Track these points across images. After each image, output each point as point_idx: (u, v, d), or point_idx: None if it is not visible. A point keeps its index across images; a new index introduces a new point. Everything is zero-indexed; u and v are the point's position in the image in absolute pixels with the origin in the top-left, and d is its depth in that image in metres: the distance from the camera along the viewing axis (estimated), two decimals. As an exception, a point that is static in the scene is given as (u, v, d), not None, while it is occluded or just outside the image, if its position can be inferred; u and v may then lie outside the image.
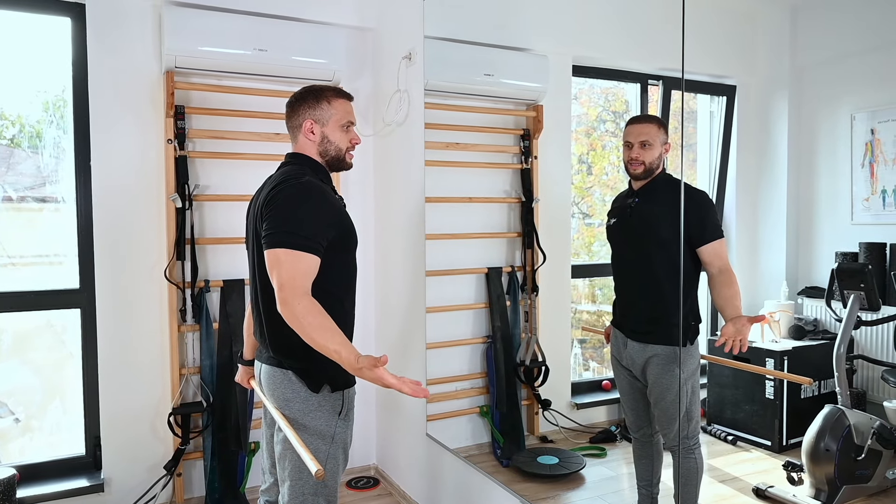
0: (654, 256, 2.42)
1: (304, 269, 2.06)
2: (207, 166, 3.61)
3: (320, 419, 2.21)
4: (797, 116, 2.03)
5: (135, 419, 3.50)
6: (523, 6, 3.02)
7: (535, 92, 3.00)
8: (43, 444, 3.68)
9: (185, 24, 3.32)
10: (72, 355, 3.62)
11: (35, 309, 3.50)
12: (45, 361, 3.71)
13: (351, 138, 2.35)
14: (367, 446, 4.13)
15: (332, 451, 2.23)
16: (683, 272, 2.21)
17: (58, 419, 3.69)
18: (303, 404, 2.20)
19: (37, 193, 3.66)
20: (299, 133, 2.31)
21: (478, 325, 3.29)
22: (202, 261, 3.58)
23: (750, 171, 2.20)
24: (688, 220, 2.18)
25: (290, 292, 2.01)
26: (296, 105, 2.33)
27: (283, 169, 2.30)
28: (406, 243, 3.65)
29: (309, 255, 2.07)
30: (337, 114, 2.31)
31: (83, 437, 3.56)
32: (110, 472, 3.47)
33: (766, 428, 2.17)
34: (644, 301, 2.49)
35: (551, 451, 2.85)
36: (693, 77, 2.23)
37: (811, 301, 2.04)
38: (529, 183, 3.05)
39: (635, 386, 2.47)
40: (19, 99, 3.55)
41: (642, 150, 2.38)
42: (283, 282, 2.03)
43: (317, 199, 2.17)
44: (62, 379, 3.68)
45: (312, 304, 2.02)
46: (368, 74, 4.00)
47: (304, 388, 2.20)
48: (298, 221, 2.10)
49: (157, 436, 3.54)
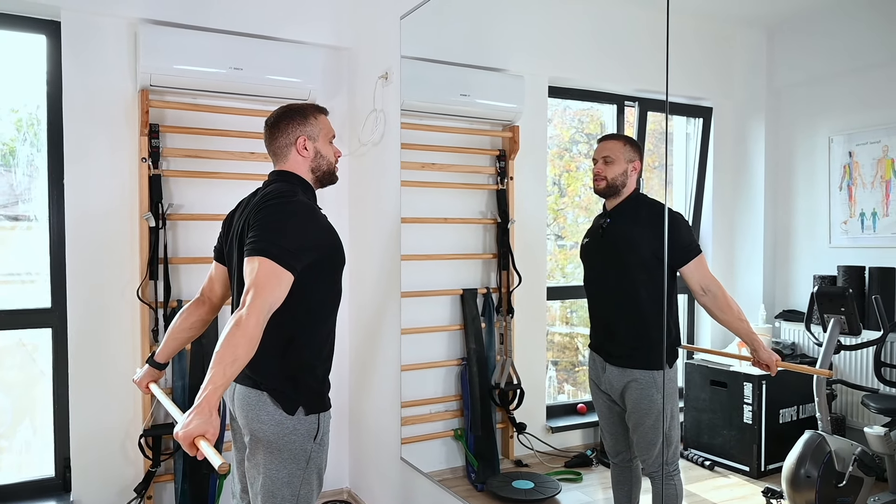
0: (626, 277, 2.31)
1: (276, 285, 1.96)
2: (181, 185, 3.49)
3: (294, 442, 2.10)
4: (774, 138, 1.95)
5: (105, 440, 3.36)
6: (500, 27, 2.92)
7: (510, 112, 2.89)
8: (11, 464, 3.54)
9: (161, 42, 3.22)
10: (43, 374, 3.48)
11: (6, 328, 3.36)
12: (16, 381, 3.55)
13: (335, 151, 2.32)
14: (340, 469, 3.97)
15: (305, 476, 2.13)
16: (666, 293, 2.10)
17: (28, 439, 3.55)
18: (277, 427, 2.09)
19: (9, 212, 3.52)
20: (290, 151, 2.25)
21: (452, 347, 3.16)
22: (175, 280, 3.45)
23: (726, 193, 2.11)
24: (662, 242, 2.08)
25: (252, 300, 1.91)
26: (280, 124, 2.26)
27: (274, 185, 2.21)
28: (381, 264, 3.53)
29: (285, 271, 1.98)
30: (324, 128, 2.29)
31: (53, 459, 3.42)
32: (80, 494, 3.33)
33: (744, 453, 2.06)
34: (619, 324, 2.38)
35: (526, 475, 2.71)
36: (669, 99, 2.15)
37: (789, 325, 1.95)
38: (505, 204, 2.93)
39: (614, 410, 2.35)
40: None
41: (605, 165, 2.29)
42: (252, 285, 1.94)
43: (309, 218, 2.11)
44: (32, 399, 3.52)
45: (259, 330, 1.90)
46: (344, 93, 3.90)
47: (279, 410, 2.09)
48: (284, 235, 2.02)
49: (127, 458, 3.39)
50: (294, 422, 2.10)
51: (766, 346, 2.01)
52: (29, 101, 3.41)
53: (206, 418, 1.79)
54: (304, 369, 2.15)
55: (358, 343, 3.85)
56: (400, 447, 3.35)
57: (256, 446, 2.13)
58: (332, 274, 2.20)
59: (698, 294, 2.12)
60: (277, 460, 2.10)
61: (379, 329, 3.57)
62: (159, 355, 2.44)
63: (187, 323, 2.42)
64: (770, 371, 1.99)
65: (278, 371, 2.06)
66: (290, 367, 2.11)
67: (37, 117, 3.39)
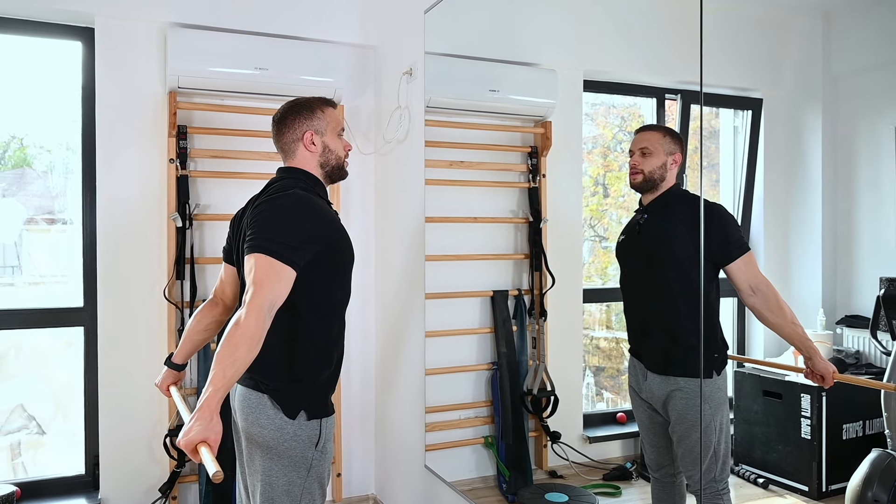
0: (665, 277, 2.04)
1: (275, 280, 1.82)
2: (208, 185, 3.33)
3: (295, 449, 1.92)
4: (832, 130, 1.69)
5: (133, 440, 3.21)
6: (529, 19, 2.67)
7: (543, 108, 2.63)
8: (48, 460, 3.51)
9: (188, 45, 3.09)
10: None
11: (40, 326, 3.30)
12: (62, 379, 3.52)
13: (344, 145, 2.14)
14: (366, 475, 3.70)
15: (307, 485, 1.94)
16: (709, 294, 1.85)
17: (65, 436, 3.50)
18: (277, 432, 1.90)
19: (47, 215, 3.53)
20: (297, 146, 2.07)
21: (482, 350, 2.90)
22: (201, 280, 3.26)
23: (779, 190, 1.84)
24: (709, 237, 1.82)
25: (252, 298, 1.76)
26: (287, 119, 2.09)
27: (277, 184, 2.04)
28: (406, 264, 3.30)
29: (284, 266, 1.82)
30: (332, 121, 2.10)
31: (83, 456, 3.29)
32: (107, 492, 3.17)
33: (802, 471, 1.79)
34: (658, 327, 2.10)
35: (561, 487, 2.43)
36: (715, 90, 1.88)
37: (852, 331, 1.68)
38: (537, 202, 2.66)
39: (656, 421, 2.06)
40: (33, 121, 3.44)
41: (642, 158, 2.02)
42: (251, 283, 1.80)
43: (303, 209, 1.93)
44: (71, 396, 3.43)
45: (260, 329, 1.76)
46: (370, 92, 3.68)
47: (280, 413, 1.91)
48: (279, 229, 1.86)
49: (153, 457, 3.22)
50: (295, 427, 1.92)
51: (822, 356, 1.73)
52: (66, 106, 3.33)
53: (207, 423, 1.67)
54: (308, 371, 1.96)
55: (384, 345, 3.61)
56: (424, 454, 3.10)
57: (254, 451, 1.95)
58: (337, 268, 2.02)
59: (747, 294, 1.85)
60: (277, 467, 1.92)
61: (404, 331, 3.34)
62: (176, 357, 2.30)
63: (202, 325, 2.26)
64: (824, 384, 1.72)
65: (280, 372, 1.90)
66: (293, 368, 1.92)
67: (73, 121, 3.30)
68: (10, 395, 3.42)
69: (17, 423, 3.44)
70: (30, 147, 3.49)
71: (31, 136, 3.45)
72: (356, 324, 3.56)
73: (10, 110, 3.35)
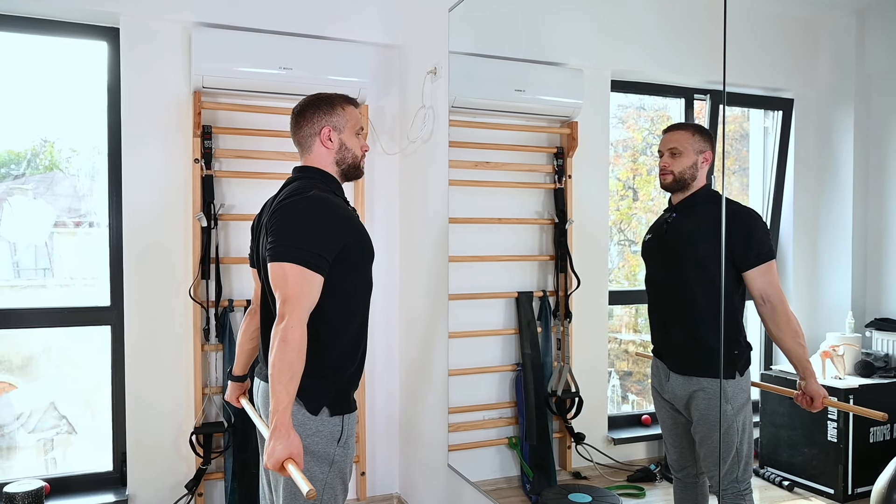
0: (691, 277, 2.02)
1: (310, 290, 1.84)
2: (233, 185, 3.33)
3: (317, 444, 1.93)
4: (864, 130, 1.67)
5: (159, 437, 3.23)
6: (555, 18, 2.66)
7: (570, 108, 2.62)
8: (78, 457, 3.54)
9: (213, 45, 3.09)
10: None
11: (68, 325, 3.32)
12: (92, 377, 3.51)
13: (362, 145, 2.12)
14: (390, 474, 3.70)
15: (329, 479, 1.95)
16: (725, 296, 1.84)
17: (94, 433, 3.50)
18: (299, 428, 1.90)
19: (75, 217, 3.55)
20: (314, 142, 2.06)
21: (506, 351, 2.89)
22: (226, 280, 3.27)
23: (809, 191, 1.82)
24: (732, 240, 1.81)
25: (291, 311, 1.81)
26: (306, 113, 2.07)
27: (293, 185, 2.03)
28: (430, 265, 3.30)
29: (315, 274, 1.85)
30: (351, 119, 2.08)
31: (111, 453, 3.33)
32: (135, 488, 3.20)
33: (828, 474, 1.77)
34: (682, 327, 2.09)
35: (584, 488, 2.42)
36: (743, 90, 1.87)
37: (881, 334, 1.67)
38: (563, 203, 2.64)
39: (678, 421, 2.05)
40: (61, 123, 3.44)
41: (672, 158, 2.00)
42: (287, 296, 1.83)
43: (326, 212, 1.93)
44: (100, 394, 3.45)
45: (303, 339, 1.83)
46: (395, 92, 3.66)
47: (302, 409, 1.92)
48: (306, 236, 1.87)
49: (179, 454, 3.24)
50: (317, 423, 1.94)
51: (817, 379, 1.73)
52: (93, 107, 3.34)
53: (286, 440, 1.76)
54: (331, 368, 1.97)
55: (408, 345, 3.61)
56: (447, 454, 3.10)
57: None
58: (358, 266, 2.02)
59: (757, 303, 1.86)
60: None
61: (428, 332, 3.33)
62: (235, 369, 2.33)
63: (248, 335, 2.29)
64: (812, 408, 1.73)
65: (305, 369, 1.88)
66: (317, 365, 1.92)
67: (99, 122, 3.30)
68: (42, 395, 3.46)
69: (49, 422, 3.46)
70: (60, 150, 3.50)
71: (61, 140, 3.46)
72: (380, 324, 3.57)
73: (39, 113, 3.36)
